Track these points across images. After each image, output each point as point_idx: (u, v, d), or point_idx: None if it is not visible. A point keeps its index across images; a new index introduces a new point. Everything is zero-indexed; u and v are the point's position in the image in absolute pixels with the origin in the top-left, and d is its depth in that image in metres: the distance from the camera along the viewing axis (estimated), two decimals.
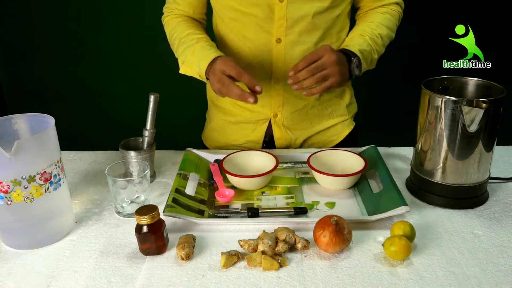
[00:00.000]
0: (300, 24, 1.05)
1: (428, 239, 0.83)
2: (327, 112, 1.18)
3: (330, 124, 1.20)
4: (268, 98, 1.13)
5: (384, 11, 1.12)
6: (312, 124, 1.18)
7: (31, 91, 2.31)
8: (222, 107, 1.21)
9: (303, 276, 0.74)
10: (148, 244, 0.79)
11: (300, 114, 1.16)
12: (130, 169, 0.95)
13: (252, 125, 1.18)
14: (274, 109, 1.15)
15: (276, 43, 1.06)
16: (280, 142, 1.18)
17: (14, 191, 0.76)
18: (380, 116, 2.25)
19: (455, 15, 2.03)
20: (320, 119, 1.18)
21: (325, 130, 1.20)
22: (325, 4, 1.04)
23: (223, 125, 1.22)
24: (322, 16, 1.05)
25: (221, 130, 1.23)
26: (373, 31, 1.07)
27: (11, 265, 0.79)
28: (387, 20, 1.10)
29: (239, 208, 0.93)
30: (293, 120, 1.16)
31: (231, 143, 1.22)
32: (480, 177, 0.91)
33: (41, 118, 0.85)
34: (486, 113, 0.84)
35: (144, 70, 2.18)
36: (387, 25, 1.10)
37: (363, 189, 0.98)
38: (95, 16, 2.12)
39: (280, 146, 1.19)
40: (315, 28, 1.06)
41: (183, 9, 1.15)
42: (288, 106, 1.14)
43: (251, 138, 1.19)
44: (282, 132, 1.17)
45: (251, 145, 1.20)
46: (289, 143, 1.18)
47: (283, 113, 1.15)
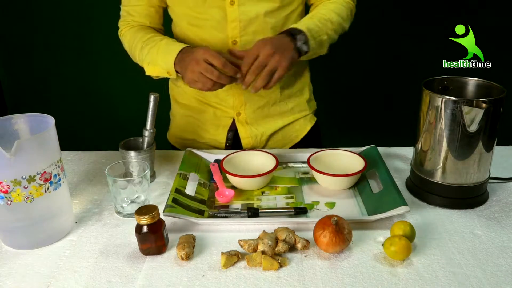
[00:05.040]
0: (253, 25, 1.07)
1: (428, 239, 0.83)
2: (289, 108, 1.21)
3: (292, 119, 1.22)
4: (230, 97, 1.15)
5: (335, 1, 1.13)
6: (275, 120, 1.20)
7: (31, 91, 2.31)
8: (185, 104, 1.22)
9: (303, 276, 0.74)
10: (148, 244, 0.79)
11: (263, 111, 1.18)
12: (130, 169, 0.95)
13: (216, 122, 1.19)
14: (237, 108, 1.16)
15: (232, 44, 1.08)
16: (246, 141, 1.19)
17: (14, 191, 0.76)
18: (380, 116, 2.26)
19: (455, 15, 2.03)
20: (282, 115, 1.21)
21: (288, 125, 1.22)
22: (276, 4, 1.06)
23: (187, 122, 1.23)
24: (274, 15, 1.07)
25: (185, 127, 1.24)
26: (322, 16, 1.07)
27: (11, 265, 0.79)
28: (337, 9, 1.11)
29: (239, 208, 0.93)
30: (256, 117, 1.18)
31: (195, 139, 1.23)
32: (480, 177, 0.91)
33: (41, 118, 0.85)
34: (486, 113, 0.84)
35: (144, 70, 2.18)
36: (338, 13, 1.10)
37: (363, 189, 0.98)
38: (95, 16, 2.12)
39: (247, 145, 1.20)
40: (268, 27, 1.08)
41: (139, 20, 1.16)
42: (250, 104, 1.16)
43: (215, 136, 1.20)
44: (246, 130, 1.18)
45: (215, 143, 1.21)
46: (255, 140, 1.20)
47: (246, 112, 1.17)
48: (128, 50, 1.16)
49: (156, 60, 1.06)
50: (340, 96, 2.20)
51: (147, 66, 1.09)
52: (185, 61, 1.00)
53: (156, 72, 1.08)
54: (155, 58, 1.06)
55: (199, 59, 0.97)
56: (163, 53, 1.04)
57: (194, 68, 0.97)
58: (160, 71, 1.07)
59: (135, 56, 1.13)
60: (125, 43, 1.17)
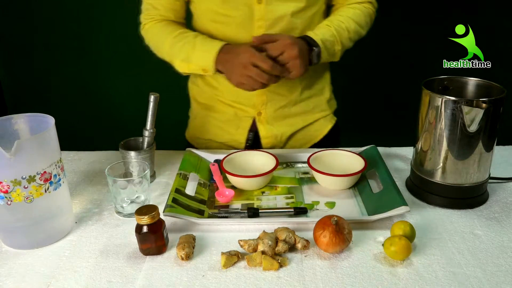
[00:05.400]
0: (279, 24, 1.06)
1: (428, 239, 0.83)
2: (309, 108, 1.21)
3: (313, 119, 1.22)
4: (251, 97, 1.14)
5: (355, 7, 1.13)
6: (296, 120, 1.20)
7: (31, 91, 2.31)
8: (205, 104, 1.22)
9: (303, 276, 0.74)
10: (148, 244, 0.79)
11: (283, 111, 1.17)
12: (130, 169, 0.95)
13: (236, 122, 1.19)
14: (257, 107, 1.16)
15: None
16: (266, 141, 1.19)
17: (14, 191, 0.76)
18: (380, 116, 2.26)
19: (455, 15, 2.03)
20: (303, 115, 1.20)
21: (309, 125, 1.22)
22: (302, 3, 1.06)
23: (208, 122, 1.23)
24: (300, 15, 1.07)
25: (205, 127, 1.24)
26: (340, 24, 1.08)
27: (11, 265, 0.79)
28: (356, 16, 1.11)
29: (239, 208, 0.93)
30: (277, 117, 1.17)
31: (215, 140, 1.23)
32: (480, 177, 0.91)
33: (41, 118, 0.85)
34: (486, 113, 0.84)
35: (144, 70, 2.18)
36: (356, 20, 1.10)
37: (363, 189, 0.98)
38: (95, 16, 2.12)
39: (267, 145, 1.20)
40: (293, 27, 1.07)
41: (164, 14, 1.14)
42: (271, 104, 1.16)
43: (235, 136, 1.20)
44: (267, 130, 1.18)
45: (235, 144, 1.21)
46: (275, 140, 1.19)
47: (267, 111, 1.16)
48: (153, 45, 1.14)
49: (191, 57, 1.05)
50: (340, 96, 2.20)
51: (180, 63, 1.08)
52: (231, 63, 1.00)
53: (190, 69, 1.08)
54: (189, 55, 1.05)
55: (246, 63, 0.97)
56: (200, 51, 1.04)
57: (243, 72, 0.98)
58: (195, 68, 1.06)
59: (162, 52, 1.12)
60: (149, 38, 1.15)
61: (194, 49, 1.05)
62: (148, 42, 1.16)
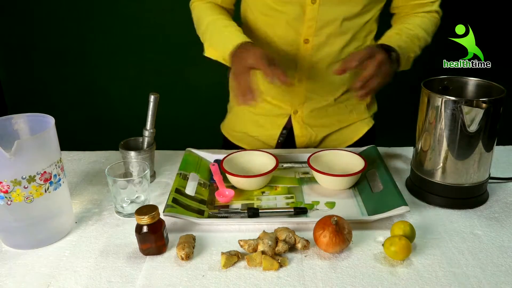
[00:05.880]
0: (330, 27, 1.05)
1: (428, 239, 0.83)
2: (347, 110, 1.19)
3: (349, 122, 1.20)
4: (290, 94, 1.13)
5: (424, 16, 1.11)
6: (332, 121, 1.18)
7: (31, 91, 2.31)
8: None
9: (303, 276, 0.74)
10: (148, 244, 0.79)
11: (320, 112, 1.16)
12: (130, 169, 0.95)
13: (271, 118, 1.19)
14: (295, 106, 1.15)
15: (304, 43, 1.06)
16: (301, 140, 1.18)
17: (14, 191, 0.76)
18: (380, 116, 2.25)
19: (455, 15, 2.03)
20: (340, 117, 1.19)
21: (345, 128, 1.20)
22: (356, 9, 1.04)
23: (243, 115, 1.23)
24: (352, 20, 1.05)
25: (240, 119, 1.24)
26: (409, 31, 1.05)
27: (11, 265, 0.79)
28: (424, 24, 1.08)
29: (239, 208, 0.93)
30: (313, 117, 1.16)
31: (247, 133, 1.22)
32: (480, 177, 0.91)
33: (41, 118, 0.85)
34: (486, 113, 0.84)
35: (144, 70, 2.18)
36: (424, 28, 1.08)
37: (363, 189, 0.98)
38: (95, 16, 2.12)
39: (301, 144, 1.19)
40: (343, 32, 1.06)
41: None
42: (309, 104, 1.15)
43: (268, 131, 1.20)
44: (302, 129, 1.17)
45: (266, 139, 1.20)
46: (309, 140, 1.19)
47: (304, 110, 1.15)
48: (195, 25, 1.15)
49: (217, 44, 1.05)
50: None
51: (208, 48, 1.09)
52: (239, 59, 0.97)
53: (214, 56, 1.08)
54: (216, 42, 1.06)
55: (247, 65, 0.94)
56: (224, 40, 1.03)
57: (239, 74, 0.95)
58: (218, 56, 1.06)
59: (199, 32, 1.12)
60: (194, 15, 1.15)
61: (220, 37, 1.05)
62: (193, 18, 1.16)
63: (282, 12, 1.05)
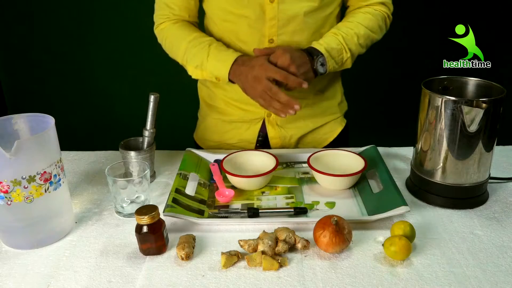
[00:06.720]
0: (292, 24, 1.05)
1: (428, 239, 0.83)
2: (320, 111, 1.20)
3: (323, 122, 1.21)
4: None
5: (366, 11, 1.11)
6: (306, 122, 1.19)
7: (31, 91, 2.31)
8: (215, 106, 1.21)
9: (303, 276, 0.74)
10: (148, 244, 0.79)
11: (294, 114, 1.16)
12: (130, 169, 0.95)
13: (246, 124, 1.19)
14: None
15: (269, 43, 1.07)
16: (274, 141, 1.19)
17: (14, 191, 0.76)
18: (380, 116, 2.26)
19: (455, 15, 2.03)
20: (313, 118, 1.20)
21: (319, 128, 1.21)
22: (315, 3, 1.05)
23: (217, 124, 1.22)
24: (313, 15, 1.06)
25: (215, 129, 1.23)
26: (348, 30, 1.07)
27: (11, 265, 0.79)
28: (367, 20, 1.09)
29: (239, 208, 0.93)
30: (287, 119, 1.16)
31: (224, 141, 1.22)
32: (480, 177, 0.91)
33: (41, 118, 0.85)
34: (486, 113, 0.84)
35: (144, 70, 2.18)
36: (367, 25, 1.09)
37: (363, 189, 0.98)
38: (95, 16, 2.12)
39: (275, 145, 1.19)
40: (306, 28, 1.07)
41: (179, 14, 1.13)
42: None
43: (244, 137, 1.20)
44: (276, 131, 1.17)
45: (244, 144, 1.20)
46: (283, 142, 1.19)
47: None
48: (168, 47, 1.14)
49: (205, 65, 1.05)
50: None
51: (193, 70, 1.08)
52: (245, 75, 1.00)
53: (203, 76, 1.08)
54: (203, 63, 1.05)
55: (261, 77, 0.97)
56: (214, 60, 1.04)
57: (257, 86, 0.98)
58: (208, 75, 1.06)
59: (177, 55, 1.11)
60: (164, 38, 1.14)
61: (208, 57, 1.04)
62: (162, 42, 1.15)
63: (243, 16, 1.05)
